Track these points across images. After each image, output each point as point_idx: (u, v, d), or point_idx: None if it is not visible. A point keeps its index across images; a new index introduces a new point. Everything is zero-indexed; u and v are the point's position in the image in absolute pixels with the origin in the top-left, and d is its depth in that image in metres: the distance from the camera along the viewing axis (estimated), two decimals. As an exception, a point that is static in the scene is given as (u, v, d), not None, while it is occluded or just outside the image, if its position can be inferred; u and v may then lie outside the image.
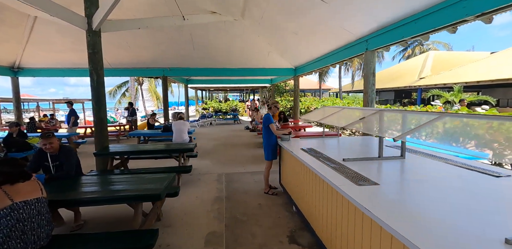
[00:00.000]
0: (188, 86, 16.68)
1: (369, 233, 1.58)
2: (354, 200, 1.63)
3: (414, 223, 1.33)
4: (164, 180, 2.67)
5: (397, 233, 1.26)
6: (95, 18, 4.66)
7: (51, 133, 2.90)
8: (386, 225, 1.33)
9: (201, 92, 24.78)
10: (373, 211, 1.45)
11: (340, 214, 1.99)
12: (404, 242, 1.21)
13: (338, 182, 1.98)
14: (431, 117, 1.88)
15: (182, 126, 6.31)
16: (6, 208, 1.87)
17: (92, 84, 4.81)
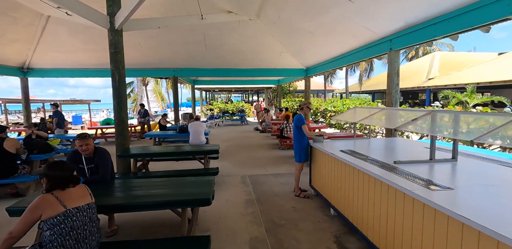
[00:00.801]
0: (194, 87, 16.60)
1: (459, 240, 1.48)
2: (442, 207, 1.53)
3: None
4: (209, 184, 2.56)
5: None
6: (118, 17, 4.56)
7: (87, 134, 2.79)
8: (500, 236, 1.22)
9: (205, 93, 24.67)
10: (477, 220, 1.34)
11: (409, 218, 1.89)
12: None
13: (408, 186, 1.88)
14: (508, 118, 1.78)
15: (199, 127, 6.21)
16: (59, 215, 1.75)
17: (113, 84, 4.70)
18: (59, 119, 8.51)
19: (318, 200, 3.77)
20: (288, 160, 6.21)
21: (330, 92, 35.97)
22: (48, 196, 1.79)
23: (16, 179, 3.87)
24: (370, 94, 23.46)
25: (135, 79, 20.75)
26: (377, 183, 2.26)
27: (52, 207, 1.75)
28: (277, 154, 6.95)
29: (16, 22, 7.08)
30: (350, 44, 6.78)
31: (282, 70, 10.74)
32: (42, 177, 1.86)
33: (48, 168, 1.86)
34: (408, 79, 16.43)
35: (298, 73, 10.85)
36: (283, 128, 7.43)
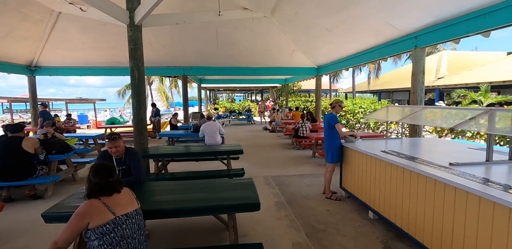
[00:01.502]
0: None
1: None
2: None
3: None
4: (252, 187, 2.41)
5: None
6: (138, 12, 4.40)
7: (117, 135, 2.62)
8: None
9: (209, 92, 24.49)
10: None
11: (486, 225, 1.74)
12: None
13: (486, 190, 1.72)
14: None
15: (214, 127, 6.05)
16: (108, 223, 1.59)
17: (133, 81, 4.54)
18: (45, 119, 8.42)
19: (352, 202, 3.61)
20: (307, 160, 6.06)
21: (333, 91, 35.81)
22: (95, 202, 1.63)
23: (35, 181, 3.72)
24: (375, 93, 23.33)
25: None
26: (439, 185, 2.10)
27: (100, 214, 1.59)
28: (294, 154, 6.79)
29: (26, 19, 6.91)
30: (369, 41, 6.62)
31: (292, 68, 10.58)
32: (87, 181, 1.71)
33: (94, 171, 1.69)
34: (416, 79, 16.24)
35: (308, 72, 10.68)
36: (298, 127, 7.27)
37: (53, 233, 2.88)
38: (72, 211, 1.92)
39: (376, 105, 10.30)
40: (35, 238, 2.78)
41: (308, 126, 7.24)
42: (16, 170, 3.63)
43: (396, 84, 17.30)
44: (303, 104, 17.19)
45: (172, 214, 2.09)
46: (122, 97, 22.56)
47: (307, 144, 6.53)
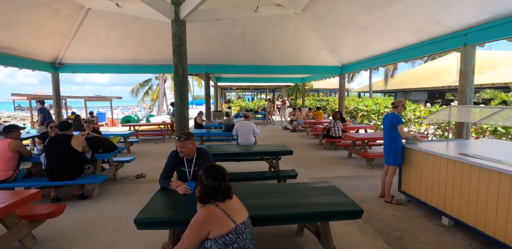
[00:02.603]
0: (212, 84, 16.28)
1: None
2: None
3: None
4: (339, 192, 2.25)
5: None
6: (185, 7, 4.25)
7: (187, 135, 2.48)
8: None
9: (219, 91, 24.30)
10: None
11: None
12: None
13: None
14: None
15: (249, 126, 5.90)
16: (231, 232, 1.44)
17: (176, 78, 4.40)
18: (45, 115, 8.54)
19: (416, 207, 3.43)
20: (343, 161, 5.88)
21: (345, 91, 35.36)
22: (214, 208, 1.48)
23: (85, 180, 3.60)
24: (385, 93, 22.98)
25: (153, 76, 20.54)
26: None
27: (222, 222, 1.44)
28: (327, 154, 6.61)
29: (56, 15, 6.81)
30: (408, 39, 6.40)
31: (315, 67, 10.38)
32: (200, 184, 1.56)
33: (207, 173, 1.54)
34: (434, 78, 15.95)
35: (332, 70, 10.46)
36: (330, 127, 7.09)
37: (115, 236, 2.76)
38: (164, 217, 1.80)
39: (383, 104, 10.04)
40: (99, 241, 2.65)
41: (340, 126, 7.06)
42: (66, 169, 3.52)
43: (413, 84, 16.98)
44: (319, 103, 16.96)
45: (273, 221, 1.93)
46: (136, 95, 22.53)
47: (342, 145, 6.34)
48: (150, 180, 4.63)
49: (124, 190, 4.09)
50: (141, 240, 2.67)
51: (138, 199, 3.73)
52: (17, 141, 3.52)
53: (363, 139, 5.37)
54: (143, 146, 7.79)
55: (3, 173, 3.39)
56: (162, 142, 8.55)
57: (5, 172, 3.41)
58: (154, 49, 8.98)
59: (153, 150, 7.32)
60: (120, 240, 2.67)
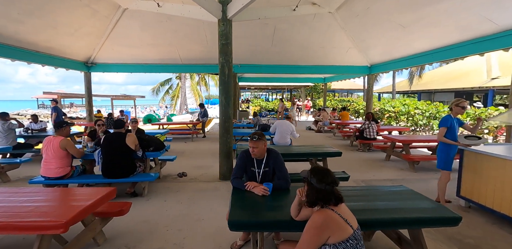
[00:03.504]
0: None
1: None
2: None
3: None
4: (419, 196, 2.16)
5: None
6: (233, 6, 4.23)
7: (259, 135, 2.44)
8: None
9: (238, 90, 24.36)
10: None
11: None
12: None
13: None
14: None
15: (287, 127, 5.84)
16: (350, 238, 1.38)
17: (222, 78, 4.39)
18: (59, 114, 8.85)
19: (479, 213, 3.27)
20: (382, 164, 5.72)
21: (360, 91, 34.84)
22: (331, 213, 1.43)
23: (139, 178, 3.63)
24: (404, 94, 22.32)
25: (173, 75, 20.85)
26: None
27: (340, 227, 1.39)
28: (363, 156, 6.46)
29: (94, 15, 6.97)
30: (450, 38, 6.16)
31: (343, 67, 10.19)
32: (309, 187, 1.51)
33: (319, 177, 1.49)
34: (463, 79, 15.38)
35: (359, 70, 10.25)
36: (364, 128, 6.93)
37: (180, 235, 2.76)
38: (256, 220, 1.76)
39: (433, 106, 9.72)
40: (166, 240, 2.65)
41: (375, 127, 6.89)
42: (121, 167, 3.56)
43: (439, 85, 16.43)
44: (340, 104, 16.70)
45: (364, 226, 1.86)
46: (156, 94, 22.92)
47: (380, 147, 6.17)
48: (193, 179, 4.64)
49: (171, 189, 4.11)
50: (207, 240, 2.65)
51: (188, 198, 3.73)
52: (67, 140, 3.55)
53: (406, 141, 5.20)
54: (174, 145, 7.86)
55: (61, 169, 3.46)
56: (191, 141, 8.61)
57: (63, 168, 3.48)
58: (183, 48, 9.06)
59: (185, 149, 7.38)
60: (186, 240, 2.66)
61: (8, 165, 4.49)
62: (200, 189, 4.14)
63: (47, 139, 3.46)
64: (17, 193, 2.28)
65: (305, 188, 1.58)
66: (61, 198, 2.15)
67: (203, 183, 4.42)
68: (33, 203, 2.03)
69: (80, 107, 36.07)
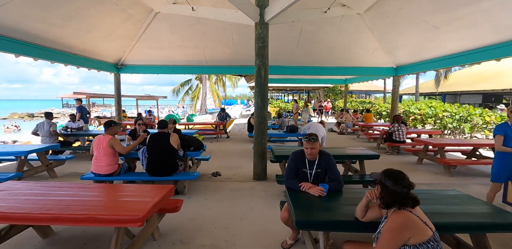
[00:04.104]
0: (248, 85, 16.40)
1: None
2: None
3: None
4: (472, 199, 2.14)
5: None
6: (270, 10, 4.30)
7: (316, 136, 2.49)
8: None
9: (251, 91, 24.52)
10: None
11: None
12: None
13: None
14: None
15: (320, 128, 5.87)
16: (431, 240, 1.41)
17: (259, 80, 4.48)
18: (83, 113, 9.06)
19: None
20: (414, 167, 5.62)
21: (378, 93, 34.13)
22: (410, 215, 1.46)
23: (181, 177, 3.77)
24: (425, 96, 21.62)
25: (193, 76, 21.27)
26: None
27: (420, 229, 1.42)
28: (392, 159, 6.36)
29: (129, 19, 7.24)
30: (487, 39, 5.98)
31: (368, 68, 10.08)
32: (383, 189, 1.55)
33: (395, 179, 1.53)
34: (493, 80, 14.78)
35: (385, 72, 10.11)
36: (393, 131, 6.82)
37: (228, 232, 2.84)
38: (320, 220, 1.81)
39: (463, 108, 9.41)
40: (217, 237, 2.74)
41: (404, 129, 6.77)
42: (165, 166, 3.70)
43: (465, 86, 15.86)
44: (361, 106, 16.45)
45: (451, 228, 1.86)
46: (176, 95, 23.45)
47: (412, 150, 6.05)
48: (227, 178, 4.74)
49: (208, 188, 4.22)
50: (257, 238, 2.72)
51: (227, 197, 3.83)
52: (114, 139, 3.72)
53: (441, 145, 5.08)
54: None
55: (111, 167, 3.65)
56: (216, 141, 8.76)
57: (112, 166, 3.67)
58: (209, 50, 9.24)
59: (211, 149, 7.52)
60: (235, 237, 2.75)
61: (56, 162, 4.77)
62: (236, 188, 4.24)
63: (97, 138, 3.65)
64: (86, 188, 2.44)
65: (378, 190, 1.61)
66: (132, 193, 2.27)
67: (238, 183, 4.51)
68: (103, 198, 2.17)
69: (101, 107, 37.36)
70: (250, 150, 7.31)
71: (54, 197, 2.17)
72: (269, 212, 3.34)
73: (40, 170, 4.43)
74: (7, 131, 18.92)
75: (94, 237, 2.72)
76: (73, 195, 2.26)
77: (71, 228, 2.89)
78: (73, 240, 2.68)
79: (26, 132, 19.39)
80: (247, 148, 7.66)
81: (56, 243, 2.62)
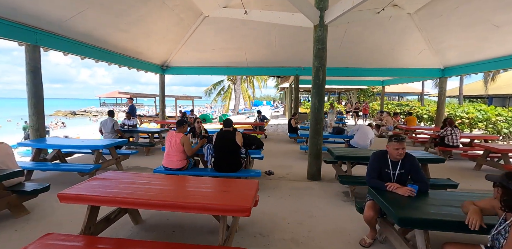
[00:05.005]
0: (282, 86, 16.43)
1: None
2: None
3: None
4: None
5: None
6: (330, 12, 4.34)
7: (404, 136, 2.50)
8: None
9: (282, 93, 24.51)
10: None
11: None
12: None
13: None
14: None
15: (369, 131, 5.82)
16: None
17: (316, 81, 4.53)
18: (132, 111, 9.44)
19: None
20: (473, 173, 5.35)
21: (412, 95, 32.65)
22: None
23: (246, 173, 3.92)
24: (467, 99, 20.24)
25: (225, 77, 21.84)
26: None
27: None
28: (447, 164, 6.01)
29: (179, 23, 7.63)
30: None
31: (412, 69, 9.75)
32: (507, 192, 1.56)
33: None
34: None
35: (430, 73, 9.72)
36: (446, 135, 6.54)
37: (302, 228, 2.93)
38: (424, 218, 1.84)
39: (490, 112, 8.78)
40: (293, 232, 2.84)
41: (458, 134, 6.47)
42: (231, 162, 3.88)
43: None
44: (398, 108, 15.87)
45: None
46: (208, 95, 24.20)
47: (469, 155, 5.77)
48: (282, 177, 4.85)
49: (267, 186, 4.34)
50: (333, 236, 2.78)
51: (289, 195, 3.93)
52: (186, 137, 3.95)
53: (506, 151, 4.81)
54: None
55: (181, 162, 3.89)
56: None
57: (182, 161, 3.91)
58: (251, 52, 9.44)
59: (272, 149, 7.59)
60: (311, 233, 2.83)
61: (123, 156, 5.16)
62: (294, 187, 4.32)
63: (170, 134, 3.91)
64: (184, 180, 2.66)
65: (499, 193, 1.61)
66: (229, 187, 2.44)
67: (294, 182, 4.59)
68: (205, 189, 2.35)
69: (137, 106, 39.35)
70: (293, 150, 7.37)
71: (159, 186, 2.38)
72: (336, 211, 3.39)
73: (111, 163, 4.82)
74: (56, 127, 20.53)
75: (178, 225, 2.94)
76: (175, 185, 2.47)
77: (155, 216, 3.14)
78: (160, 227, 2.91)
79: (71, 128, 20.95)
80: (290, 148, 7.73)
81: (147, 229, 2.86)
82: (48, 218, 3.09)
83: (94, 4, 5.22)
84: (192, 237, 2.69)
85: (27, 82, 5.06)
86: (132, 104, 10.27)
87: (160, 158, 6.28)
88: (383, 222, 2.55)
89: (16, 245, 2.46)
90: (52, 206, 3.39)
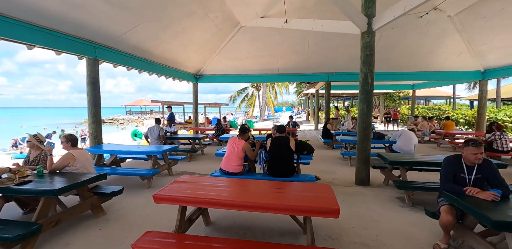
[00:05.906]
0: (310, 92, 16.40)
1: None
2: None
3: None
4: None
5: None
6: (379, 19, 4.41)
7: (481, 141, 2.50)
8: None
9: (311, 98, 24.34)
10: None
11: None
12: None
13: None
14: None
15: (413, 136, 5.74)
16: None
17: (365, 87, 4.57)
18: (171, 118, 9.87)
19: None
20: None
21: (439, 99, 31.45)
22: None
23: (300, 178, 4.00)
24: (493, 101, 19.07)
25: (249, 84, 22.27)
26: None
27: None
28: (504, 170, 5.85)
29: (217, 33, 7.96)
30: None
31: (450, 72, 9.51)
32: None
33: None
34: None
35: (469, 76, 9.41)
36: (494, 140, 6.29)
37: (369, 232, 2.95)
38: None
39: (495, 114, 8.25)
40: (361, 236, 2.87)
41: (508, 138, 6.21)
42: (286, 167, 3.98)
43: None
44: (430, 112, 15.36)
45: None
46: (233, 102, 24.75)
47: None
48: (329, 182, 4.87)
49: (317, 190, 4.38)
50: (403, 240, 2.78)
51: (343, 200, 3.95)
52: (247, 144, 4.12)
53: None
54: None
55: (239, 167, 4.05)
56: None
57: (239, 166, 4.07)
58: (282, 59, 9.63)
59: None
60: (380, 238, 2.85)
61: (173, 161, 5.42)
62: (344, 192, 4.34)
63: (232, 139, 4.10)
64: (263, 183, 2.79)
65: None
66: (308, 190, 2.53)
67: (343, 187, 4.61)
68: (290, 192, 2.46)
69: (159, 114, 40.70)
70: (330, 156, 7.36)
71: (241, 189, 2.53)
72: (397, 216, 3.38)
73: (164, 168, 5.07)
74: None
75: (247, 227, 3.07)
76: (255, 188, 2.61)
77: (222, 218, 3.29)
78: (230, 229, 3.04)
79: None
80: (326, 153, 7.72)
81: (219, 230, 3.01)
82: (124, 218, 3.32)
83: (145, 19, 5.62)
84: (264, 239, 2.80)
85: (87, 93, 5.50)
86: (172, 112, 10.72)
87: (202, 164, 6.52)
88: (460, 226, 2.53)
89: (104, 242, 2.70)
90: (124, 207, 3.65)
